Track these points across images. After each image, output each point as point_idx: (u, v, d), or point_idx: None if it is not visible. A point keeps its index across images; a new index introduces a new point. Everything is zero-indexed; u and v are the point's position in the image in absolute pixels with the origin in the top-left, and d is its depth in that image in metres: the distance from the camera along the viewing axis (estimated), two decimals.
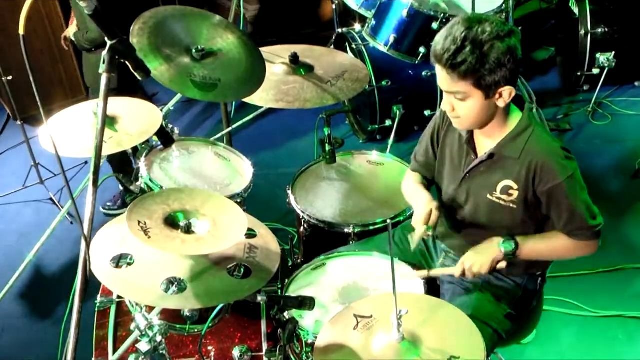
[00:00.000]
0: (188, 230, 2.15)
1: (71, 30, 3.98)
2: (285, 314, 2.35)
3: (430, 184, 2.63)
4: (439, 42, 2.10)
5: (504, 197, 2.29)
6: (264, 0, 5.69)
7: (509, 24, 2.13)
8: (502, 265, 2.35)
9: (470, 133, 2.35)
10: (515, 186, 2.26)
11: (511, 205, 2.29)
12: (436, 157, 2.54)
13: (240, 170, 3.08)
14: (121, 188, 4.27)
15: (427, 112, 4.49)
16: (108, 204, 4.29)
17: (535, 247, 2.33)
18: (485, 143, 2.32)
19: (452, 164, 2.44)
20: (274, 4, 5.67)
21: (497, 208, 2.32)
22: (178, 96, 3.02)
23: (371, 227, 2.84)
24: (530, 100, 4.59)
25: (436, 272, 2.49)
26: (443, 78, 2.14)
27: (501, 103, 2.17)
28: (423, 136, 2.60)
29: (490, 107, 2.18)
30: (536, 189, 2.24)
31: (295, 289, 2.51)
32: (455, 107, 2.20)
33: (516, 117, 2.26)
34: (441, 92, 2.23)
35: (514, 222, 2.33)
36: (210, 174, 3.01)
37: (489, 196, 2.32)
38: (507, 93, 2.14)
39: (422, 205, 2.41)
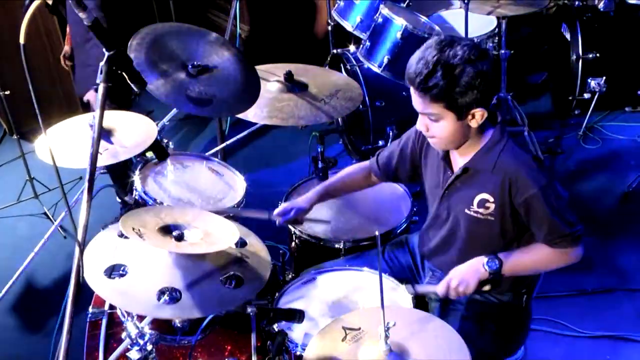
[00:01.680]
0: (180, 239, 2.19)
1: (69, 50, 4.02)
2: (275, 326, 2.37)
3: (367, 185, 2.80)
4: (412, 64, 2.15)
5: (481, 210, 2.32)
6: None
7: (481, 47, 2.19)
8: (487, 288, 2.39)
9: (447, 150, 2.40)
10: (491, 199, 2.29)
11: (489, 217, 2.32)
12: (395, 168, 2.63)
13: (233, 185, 3.11)
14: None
15: None
16: (108, 225, 4.25)
17: (519, 261, 2.35)
18: (461, 159, 2.37)
19: (433, 183, 2.49)
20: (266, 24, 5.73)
21: (475, 222, 2.35)
22: (174, 111, 3.06)
23: (362, 243, 2.87)
24: (522, 123, 4.64)
25: (420, 288, 2.51)
26: (416, 100, 2.20)
27: (474, 124, 2.22)
28: (391, 144, 2.68)
29: (463, 128, 2.23)
30: (513, 201, 2.27)
31: (285, 302, 2.53)
32: (429, 127, 2.26)
33: (489, 134, 2.31)
34: None
35: (493, 235, 2.37)
36: (204, 188, 3.04)
37: (466, 210, 2.35)
38: (479, 114, 2.19)
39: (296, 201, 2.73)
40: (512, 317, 2.56)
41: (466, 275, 2.36)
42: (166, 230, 2.22)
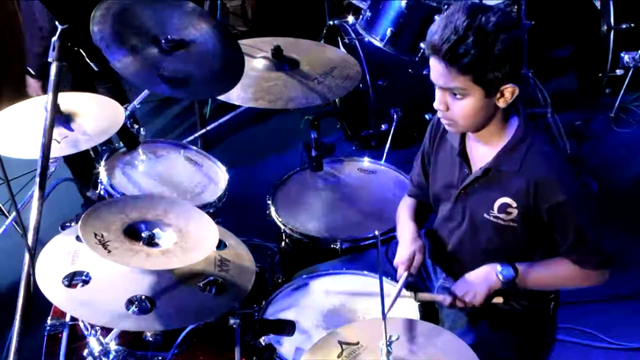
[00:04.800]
0: (151, 242, 2.15)
1: None
2: (262, 340, 2.34)
3: (429, 209, 2.67)
4: (437, 31, 2.09)
5: (502, 215, 2.29)
6: None
7: (513, 15, 2.14)
8: (499, 300, 2.36)
9: (463, 144, 2.36)
10: (514, 204, 2.26)
11: (511, 224, 2.29)
12: (428, 177, 2.56)
13: (214, 177, 3.09)
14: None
15: (427, 116, 4.49)
16: (67, 224, 4.17)
17: (536, 274, 2.33)
18: (481, 153, 2.32)
19: (445, 180, 2.45)
20: None
21: (496, 228, 2.32)
22: (145, 92, 3.02)
23: (361, 243, 2.85)
24: (545, 104, 4.60)
25: (424, 296, 2.47)
26: (439, 72, 2.13)
27: (502, 103, 2.17)
28: (417, 156, 2.63)
29: (489, 107, 2.18)
30: (538, 207, 2.23)
31: (274, 312, 2.51)
32: (450, 106, 2.19)
33: (514, 124, 2.27)
34: None
35: (516, 243, 2.34)
36: (180, 181, 3.02)
37: (486, 215, 2.32)
38: (509, 92, 2.15)
39: (404, 245, 2.47)
40: (537, 326, 2.53)
41: (475, 283, 2.34)
42: (133, 232, 2.18)
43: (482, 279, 2.34)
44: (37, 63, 3.78)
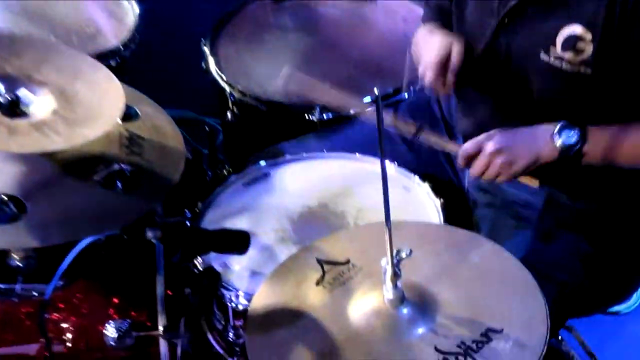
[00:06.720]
0: (14, 111, 2.12)
1: None
2: (198, 261, 2.36)
3: None
4: None
5: (567, 55, 2.26)
6: None
7: None
8: (533, 183, 2.37)
9: None
10: (589, 35, 2.22)
11: (582, 69, 2.26)
12: None
13: (115, 10, 3.11)
14: None
15: None
16: None
17: (613, 140, 2.29)
18: None
19: (478, 9, 2.45)
20: None
21: (556, 76, 2.30)
22: None
23: (351, 111, 2.85)
24: None
25: (430, 139, 2.51)
26: None
27: None
28: None
29: None
30: (630, 34, 2.18)
31: (216, 218, 2.54)
32: None
33: None
34: None
35: (586, 103, 2.32)
36: (61, 17, 3.04)
37: (543, 55, 2.30)
38: None
39: (434, 43, 2.46)
40: (617, 234, 2.53)
41: (517, 142, 2.34)
42: None
43: (528, 139, 2.33)
44: None
